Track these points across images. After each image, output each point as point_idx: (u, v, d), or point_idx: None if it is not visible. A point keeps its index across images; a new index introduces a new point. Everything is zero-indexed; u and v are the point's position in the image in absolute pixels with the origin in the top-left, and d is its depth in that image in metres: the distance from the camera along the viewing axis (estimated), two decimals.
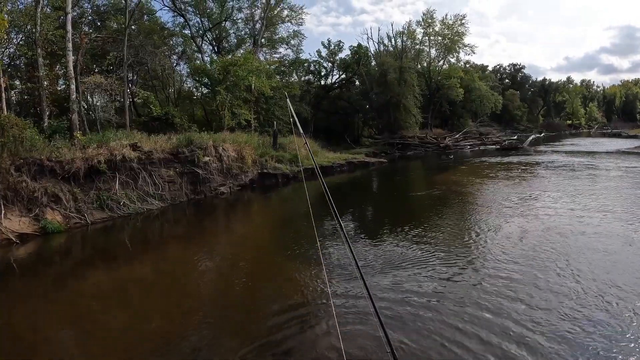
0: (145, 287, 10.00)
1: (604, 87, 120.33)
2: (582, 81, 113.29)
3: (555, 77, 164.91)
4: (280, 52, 45.37)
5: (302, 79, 48.69)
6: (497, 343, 6.47)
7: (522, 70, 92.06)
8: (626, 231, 11.99)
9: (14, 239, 12.75)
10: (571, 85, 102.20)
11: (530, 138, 52.58)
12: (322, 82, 49.87)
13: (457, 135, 53.69)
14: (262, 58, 39.40)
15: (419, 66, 56.51)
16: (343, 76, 50.02)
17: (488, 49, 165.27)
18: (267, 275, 10.28)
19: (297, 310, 8.00)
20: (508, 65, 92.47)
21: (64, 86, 24.05)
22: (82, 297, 9.22)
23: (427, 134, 50.98)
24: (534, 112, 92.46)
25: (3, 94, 18.12)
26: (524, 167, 28.27)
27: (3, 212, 13.21)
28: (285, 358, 6.46)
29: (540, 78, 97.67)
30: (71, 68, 19.81)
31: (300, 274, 9.96)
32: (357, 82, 51.91)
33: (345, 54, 48.59)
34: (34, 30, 20.37)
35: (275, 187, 24.26)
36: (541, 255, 10.35)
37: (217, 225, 16.81)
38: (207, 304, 8.79)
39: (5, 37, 19.71)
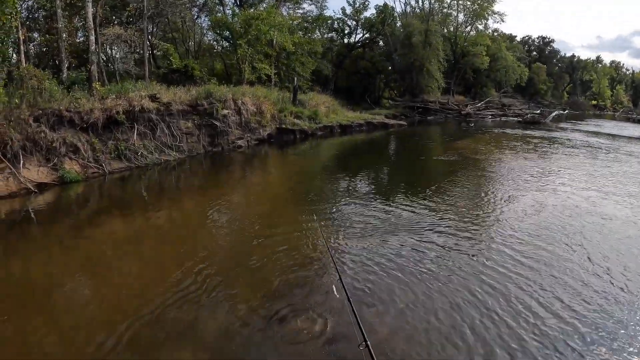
0: (159, 236, 10.01)
1: (633, 71, 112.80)
2: (612, 62, 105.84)
3: (584, 55, 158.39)
4: (304, 8, 44.01)
5: (325, 36, 47.58)
6: (500, 318, 6.34)
7: (551, 44, 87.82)
8: None
9: (32, 188, 12.83)
10: (600, 65, 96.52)
11: (554, 114, 50.55)
12: (345, 41, 48.78)
13: (480, 104, 52.40)
14: (285, 13, 38.43)
15: (445, 30, 54.25)
16: (367, 36, 48.61)
17: (518, 19, 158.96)
18: (280, 229, 10.13)
19: (306, 264, 8.06)
20: (537, 38, 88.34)
21: (82, 38, 23.88)
22: (98, 245, 9.25)
23: (449, 100, 49.69)
24: (559, 89, 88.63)
25: (22, 47, 18.03)
26: (544, 143, 27.33)
27: (22, 162, 13.27)
28: (292, 311, 6.46)
29: (569, 54, 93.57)
30: (90, 19, 19.56)
31: (313, 229, 9.87)
32: (380, 43, 50.46)
33: (370, 13, 47.65)
34: None
35: (293, 143, 24.20)
36: (555, 231, 10.07)
37: (233, 178, 16.74)
38: (221, 253, 8.74)
39: None
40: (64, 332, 6.00)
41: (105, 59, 24.24)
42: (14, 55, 18.79)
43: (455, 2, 54.80)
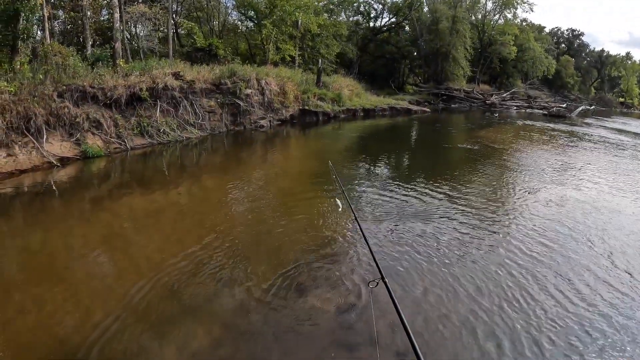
0: (179, 211, 9.87)
1: None
2: None
3: (614, 50, 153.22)
4: None
5: (351, 19, 47.16)
6: (510, 309, 6.14)
7: (581, 37, 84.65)
8: None
9: (55, 162, 12.88)
10: (629, 62, 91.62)
11: (580, 109, 48.54)
12: (371, 24, 48.27)
13: (505, 94, 51.51)
14: None
15: (473, 18, 52.92)
16: (393, 20, 48.01)
17: (547, 9, 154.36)
18: (300, 208, 9.99)
19: (326, 243, 7.96)
20: (566, 30, 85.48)
21: (107, 16, 23.94)
22: (118, 219, 9.17)
23: (474, 89, 48.91)
24: (587, 83, 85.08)
25: (46, 24, 18.09)
26: (569, 137, 26.35)
27: (45, 136, 13.31)
28: (311, 287, 6.39)
29: (598, 48, 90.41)
30: None
31: (333, 209, 9.71)
32: (406, 28, 49.76)
33: None
34: None
35: (315, 125, 24.05)
36: (577, 226, 9.70)
37: (254, 156, 16.58)
38: (240, 230, 8.58)
39: None
40: (81, 302, 5.92)
41: (129, 36, 24.29)
42: (39, 32, 18.90)
43: None
